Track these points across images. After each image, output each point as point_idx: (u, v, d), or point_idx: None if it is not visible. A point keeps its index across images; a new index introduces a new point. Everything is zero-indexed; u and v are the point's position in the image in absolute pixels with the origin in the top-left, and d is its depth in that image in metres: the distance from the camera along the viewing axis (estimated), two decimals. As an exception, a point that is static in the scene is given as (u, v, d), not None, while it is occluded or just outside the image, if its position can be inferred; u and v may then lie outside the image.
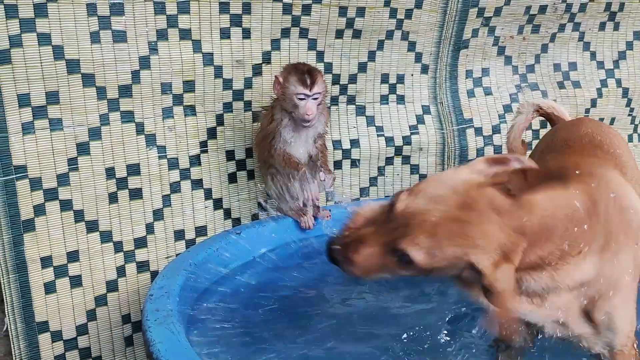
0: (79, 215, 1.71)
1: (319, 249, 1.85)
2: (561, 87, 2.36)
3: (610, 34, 2.38)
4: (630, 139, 2.49)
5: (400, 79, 2.16)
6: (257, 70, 1.92)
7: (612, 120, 2.44)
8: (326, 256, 1.11)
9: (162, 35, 1.75)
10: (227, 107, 1.91)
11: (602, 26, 2.35)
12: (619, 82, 2.41)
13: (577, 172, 1.14)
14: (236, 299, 1.56)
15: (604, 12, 2.31)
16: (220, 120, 1.91)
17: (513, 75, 2.31)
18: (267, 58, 1.92)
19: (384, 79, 2.14)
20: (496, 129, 2.27)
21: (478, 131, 2.24)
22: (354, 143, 2.12)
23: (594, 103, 2.39)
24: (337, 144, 2.09)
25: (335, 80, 2.05)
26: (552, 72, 2.35)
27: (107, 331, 1.80)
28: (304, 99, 1.68)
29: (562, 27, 2.30)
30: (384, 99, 2.16)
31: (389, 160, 2.17)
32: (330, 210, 1.93)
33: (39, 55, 1.59)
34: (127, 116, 1.75)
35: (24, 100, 1.60)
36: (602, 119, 2.41)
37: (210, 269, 1.58)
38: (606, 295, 1.13)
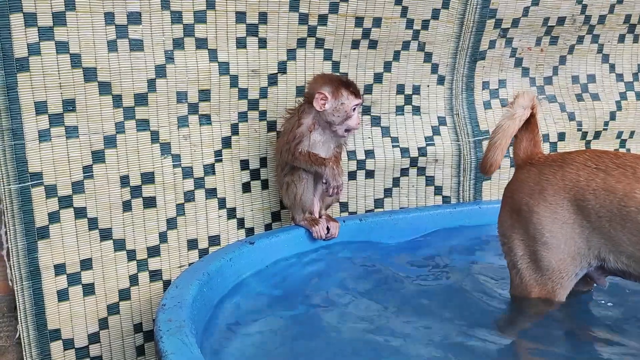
0: (92, 223, 1.71)
1: (332, 258, 1.85)
2: (580, 99, 2.33)
3: (630, 47, 2.35)
4: (649, 153, 2.46)
5: (416, 89, 2.15)
6: (272, 80, 1.92)
7: (632, 134, 2.41)
8: None
9: (178, 44, 1.75)
10: (242, 116, 1.91)
11: (621, 38, 2.33)
12: (638, 95, 2.38)
13: None
14: (250, 310, 1.54)
15: (623, 24, 2.29)
16: (235, 129, 1.90)
17: (530, 87, 2.29)
18: (282, 68, 1.92)
19: (400, 89, 2.13)
20: (513, 142, 2.24)
21: (494, 143, 2.22)
22: (369, 153, 2.10)
23: (612, 116, 2.36)
24: (351, 154, 2.07)
25: (351, 90, 2.04)
26: (570, 84, 2.33)
27: (118, 340, 1.79)
28: (355, 109, 1.76)
29: (580, 39, 2.28)
30: (400, 110, 2.15)
31: (404, 172, 2.15)
32: (344, 222, 1.92)
33: (56, 63, 1.60)
34: (143, 124, 1.76)
35: (41, 108, 1.61)
36: (621, 132, 2.38)
37: (223, 279, 1.57)
38: None
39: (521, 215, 1.48)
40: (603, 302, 1.59)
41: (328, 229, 1.85)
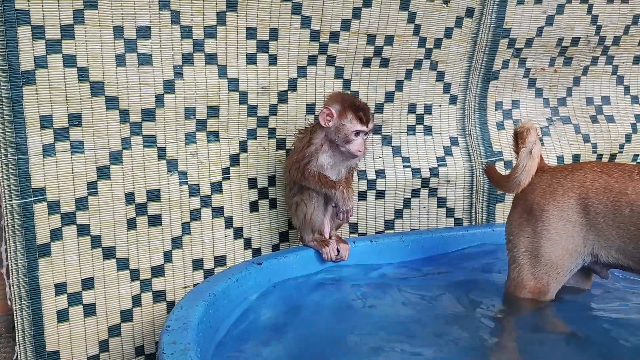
0: (95, 241, 1.66)
1: (342, 280, 1.79)
2: (594, 121, 2.29)
3: (645, 68, 2.32)
4: (665, 176, 2.40)
5: (428, 109, 2.11)
6: (282, 97, 1.88)
7: (648, 157, 2.36)
8: None
9: (187, 59, 1.72)
10: (251, 133, 1.87)
11: (636, 60, 2.30)
12: (654, 118, 2.34)
13: None
14: (257, 333, 1.48)
15: (638, 45, 2.26)
16: (243, 147, 1.86)
17: (544, 108, 2.26)
18: (293, 85, 1.89)
19: (411, 109, 2.09)
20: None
21: (508, 164, 2.17)
22: (380, 173, 2.06)
23: (628, 138, 2.31)
24: (362, 174, 2.03)
25: (362, 109, 2.00)
26: (584, 106, 2.29)
27: (119, 363, 1.73)
28: (358, 135, 1.70)
29: (594, 60, 2.24)
30: (411, 130, 2.11)
31: (415, 192, 2.10)
32: (354, 243, 1.87)
33: (63, 76, 1.57)
34: (149, 140, 1.72)
35: (46, 122, 1.57)
36: (637, 155, 2.33)
37: (230, 301, 1.51)
38: None
39: (531, 214, 1.59)
40: (603, 304, 1.65)
41: (338, 250, 1.79)
